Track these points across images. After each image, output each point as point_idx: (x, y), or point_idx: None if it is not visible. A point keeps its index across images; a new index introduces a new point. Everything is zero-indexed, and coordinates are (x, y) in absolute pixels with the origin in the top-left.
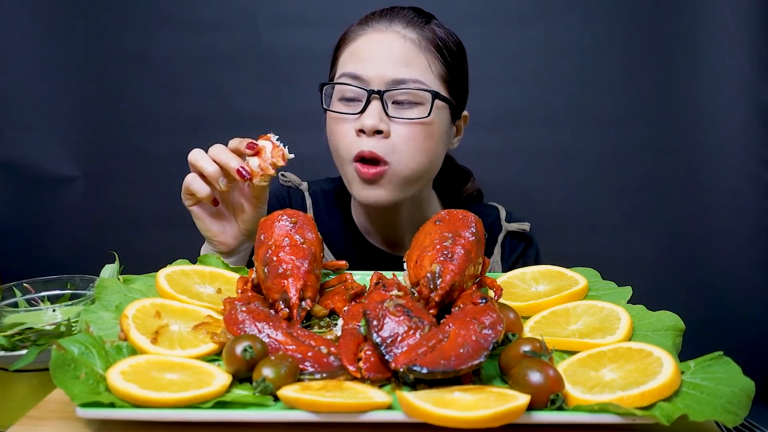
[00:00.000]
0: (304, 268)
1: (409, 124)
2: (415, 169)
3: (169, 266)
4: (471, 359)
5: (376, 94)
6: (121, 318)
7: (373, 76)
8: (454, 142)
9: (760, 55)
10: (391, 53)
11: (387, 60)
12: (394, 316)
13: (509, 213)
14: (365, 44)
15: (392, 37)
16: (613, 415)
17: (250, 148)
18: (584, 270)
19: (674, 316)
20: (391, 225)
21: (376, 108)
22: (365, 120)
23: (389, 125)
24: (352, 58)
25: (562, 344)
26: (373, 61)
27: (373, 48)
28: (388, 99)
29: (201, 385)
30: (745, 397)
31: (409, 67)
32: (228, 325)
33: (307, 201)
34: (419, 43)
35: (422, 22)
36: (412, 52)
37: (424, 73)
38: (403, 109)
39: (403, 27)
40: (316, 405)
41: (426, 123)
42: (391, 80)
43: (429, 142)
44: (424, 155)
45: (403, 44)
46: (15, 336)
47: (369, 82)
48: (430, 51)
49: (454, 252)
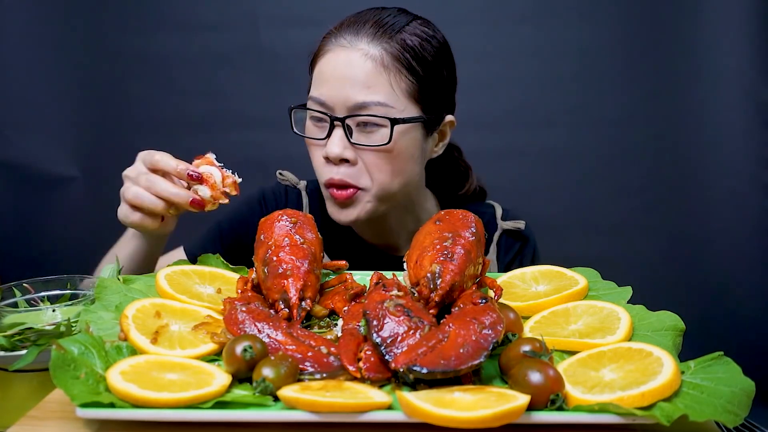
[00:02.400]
0: (304, 268)
1: (371, 150)
2: (386, 190)
3: (169, 266)
4: (471, 359)
5: (338, 121)
6: (121, 318)
7: (336, 101)
8: (436, 150)
9: (760, 55)
10: (353, 74)
11: (348, 83)
12: (394, 316)
13: (506, 211)
14: (329, 64)
15: (354, 56)
16: (613, 415)
17: (195, 179)
18: (584, 270)
19: (674, 316)
20: (381, 232)
21: (338, 136)
22: (329, 149)
23: (354, 152)
24: (318, 80)
25: (562, 344)
26: (335, 84)
27: (336, 70)
28: (351, 123)
29: (201, 385)
30: (745, 397)
31: (371, 89)
32: (228, 325)
33: (304, 200)
34: (382, 60)
35: (391, 32)
36: (373, 72)
37: (386, 94)
38: (368, 132)
39: (368, 42)
40: (316, 405)
41: (388, 150)
42: (353, 105)
43: (397, 164)
44: (392, 177)
45: (364, 64)
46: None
47: (332, 107)
48: (395, 68)
49: (454, 252)
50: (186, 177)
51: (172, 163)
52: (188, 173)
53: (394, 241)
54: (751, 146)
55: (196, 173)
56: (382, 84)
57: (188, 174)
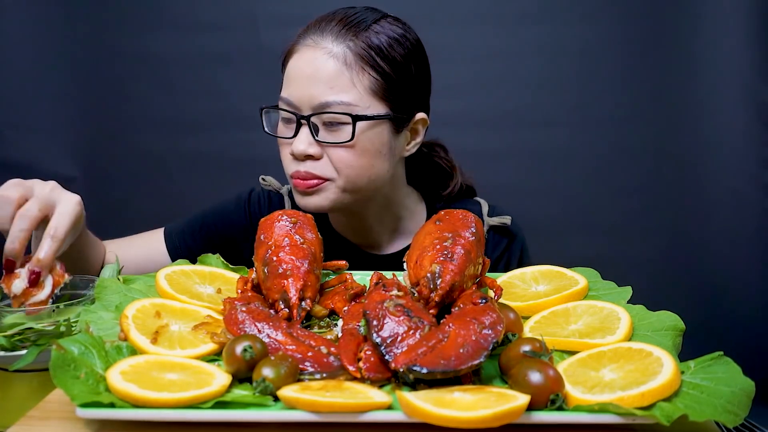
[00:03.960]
0: (304, 268)
1: (337, 147)
2: (351, 182)
3: (169, 266)
4: (471, 359)
5: (304, 120)
6: (121, 318)
7: (302, 100)
8: (408, 148)
9: (760, 55)
10: (316, 74)
11: (312, 82)
12: (394, 316)
13: (492, 207)
14: (295, 64)
15: (318, 55)
16: (613, 415)
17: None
18: (584, 270)
19: (674, 316)
20: (360, 230)
21: (304, 133)
22: (296, 146)
23: (320, 148)
24: (287, 81)
25: (562, 344)
26: (301, 84)
27: (301, 69)
28: (317, 122)
29: (201, 385)
30: (745, 397)
31: (333, 89)
32: (228, 325)
33: (287, 204)
34: (344, 58)
35: (355, 31)
36: (335, 71)
37: (348, 93)
38: (333, 131)
39: (332, 40)
40: (316, 405)
41: (351, 146)
42: (317, 104)
43: (360, 161)
44: (358, 172)
45: (327, 62)
46: (15, 336)
47: (299, 106)
48: (357, 66)
49: (454, 252)
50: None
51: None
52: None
53: (374, 239)
54: (751, 146)
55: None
56: (345, 83)
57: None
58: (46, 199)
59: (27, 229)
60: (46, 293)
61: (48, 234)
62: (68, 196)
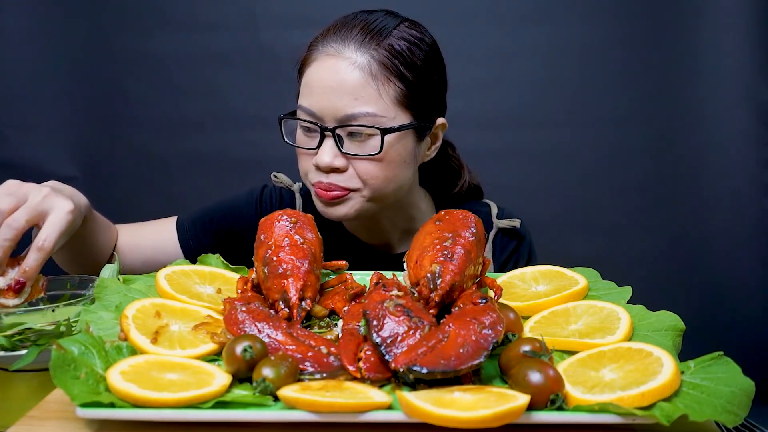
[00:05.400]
0: (304, 268)
1: (363, 159)
2: (378, 193)
3: (169, 266)
4: (471, 359)
5: (328, 132)
6: (121, 318)
7: (325, 111)
8: (428, 153)
9: (760, 55)
10: (340, 85)
11: (337, 94)
12: (394, 316)
13: (501, 209)
14: (316, 74)
15: (341, 66)
16: (613, 415)
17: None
18: (584, 270)
19: (674, 316)
20: (374, 231)
21: (329, 145)
22: (321, 158)
23: (345, 160)
24: (307, 90)
25: (562, 344)
26: (324, 95)
27: (323, 80)
28: (342, 133)
29: (201, 385)
30: (745, 397)
31: (359, 100)
32: (228, 325)
33: (297, 202)
34: (370, 69)
35: (378, 38)
36: (361, 82)
37: (374, 104)
38: (359, 142)
39: (354, 50)
40: (316, 405)
41: (379, 159)
42: (342, 116)
43: (389, 171)
44: (385, 183)
45: (351, 74)
46: (15, 336)
47: (321, 117)
48: (383, 76)
49: (454, 252)
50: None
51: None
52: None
53: (387, 239)
54: (751, 146)
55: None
56: (371, 94)
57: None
58: (35, 209)
59: (11, 239)
60: (17, 302)
61: (35, 246)
62: (61, 205)
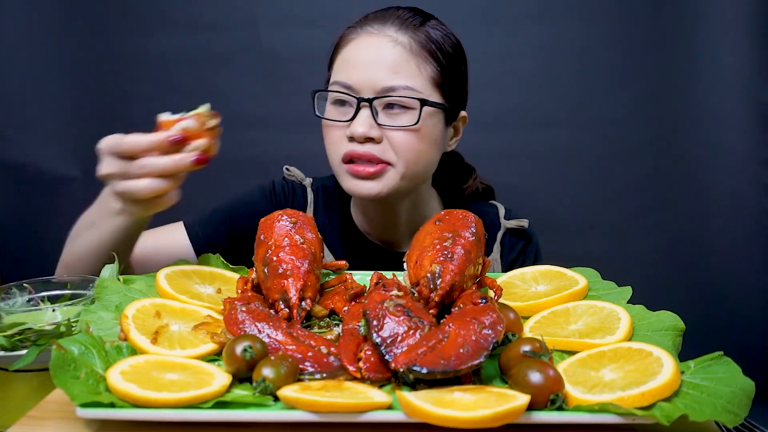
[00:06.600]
0: (304, 268)
1: (398, 130)
2: (411, 169)
3: (169, 266)
4: (471, 359)
5: (365, 102)
6: (121, 318)
7: (363, 84)
8: (450, 144)
9: (760, 55)
10: (381, 59)
11: (376, 67)
12: (394, 316)
13: (508, 210)
14: (355, 50)
15: (382, 41)
16: (613, 415)
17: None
18: (584, 270)
19: (674, 316)
20: (388, 225)
21: (365, 116)
22: (355, 128)
23: (380, 131)
24: (344, 66)
25: (562, 344)
26: (363, 68)
27: (363, 54)
28: (378, 105)
29: (201, 385)
30: (745, 397)
31: (398, 74)
32: (228, 325)
33: (309, 196)
34: (410, 47)
35: (417, 23)
36: (402, 57)
37: (413, 79)
38: (394, 114)
39: (395, 30)
40: (316, 405)
41: (415, 129)
42: (380, 88)
43: (421, 146)
44: (416, 158)
45: (393, 49)
46: (15, 336)
47: (359, 90)
48: (422, 55)
49: (454, 252)
50: (169, 145)
51: (147, 139)
52: (170, 141)
53: (397, 238)
54: (751, 146)
55: (177, 137)
56: (411, 69)
57: (171, 141)
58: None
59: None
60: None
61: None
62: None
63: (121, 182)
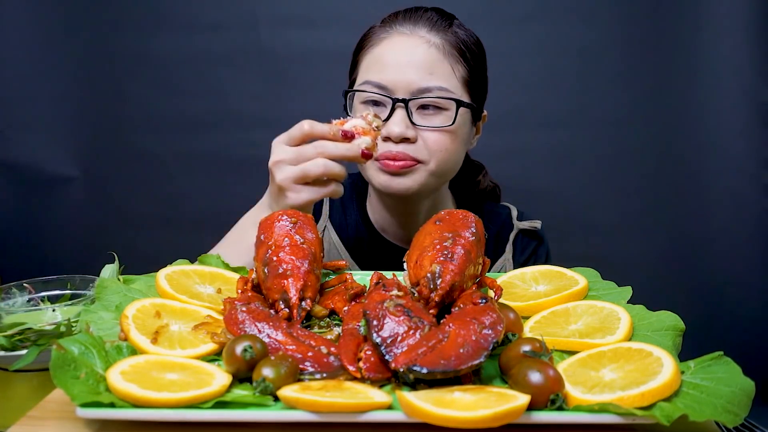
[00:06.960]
0: (304, 268)
1: (434, 131)
2: (442, 167)
3: (169, 266)
4: (471, 359)
5: (401, 103)
6: (121, 318)
7: (398, 84)
8: (473, 141)
9: (760, 55)
10: (416, 60)
11: (411, 67)
12: (394, 316)
13: (520, 212)
14: (388, 50)
15: (416, 42)
16: (613, 415)
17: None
18: (584, 270)
19: (674, 316)
20: (407, 224)
21: (401, 116)
22: (392, 128)
23: (415, 131)
24: (376, 65)
25: (562, 344)
26: (398, 69)
27: (397, 55)
28: (412, 106)
29: (201, 385)
30: (745, 397)
31: (433, 75)
32: (228, 325)
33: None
34: (443, 48)
35: (446, 24)
36: (436, 58)
37: (448, 80)
38: (428, 115)
39: (427, 31)
40: (316, 405)
41: (451, 130)
42: (416, 89)
43: (453, 145)
44: (449, 157)
45: (428, 50)
46: (15, 336)
47: (393, 90)
48: (454, 56)
49: (454, 252)
50: (341, 136)
51: (323, 127)
52: (342, 132)
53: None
54: (751, 146)
55: (348, 131)
56: (445, 70)
57: (343, 133)
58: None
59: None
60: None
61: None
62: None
63: (295, 166)
